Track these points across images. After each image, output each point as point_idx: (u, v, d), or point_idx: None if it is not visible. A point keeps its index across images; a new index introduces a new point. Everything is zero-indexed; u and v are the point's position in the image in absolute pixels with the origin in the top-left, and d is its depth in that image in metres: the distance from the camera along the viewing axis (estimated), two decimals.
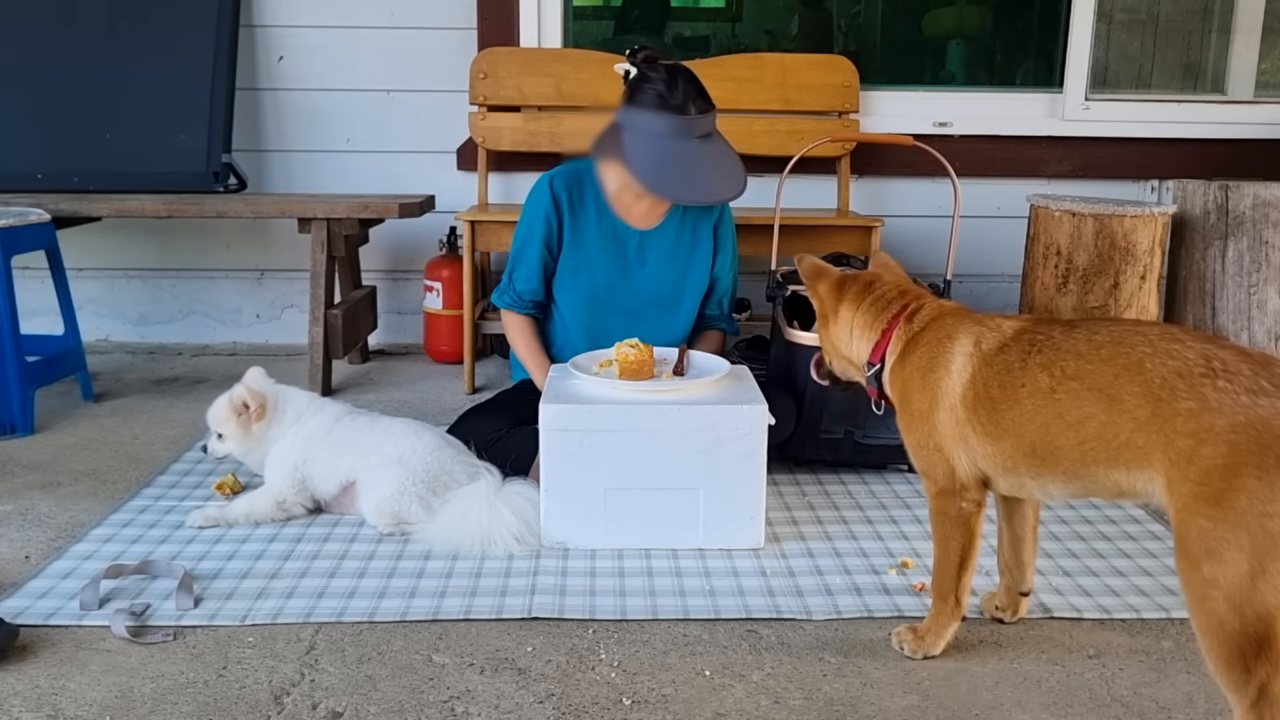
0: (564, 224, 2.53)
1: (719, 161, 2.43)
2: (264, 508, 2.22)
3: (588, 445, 2.08)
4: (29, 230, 2.88)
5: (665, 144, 2.35)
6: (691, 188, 2.40)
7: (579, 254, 2.54)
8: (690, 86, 2.38)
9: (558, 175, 2.55)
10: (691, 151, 2.37)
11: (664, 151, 2.36)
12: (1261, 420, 1.28)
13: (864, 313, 1.78)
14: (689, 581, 1.98)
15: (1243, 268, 3.15)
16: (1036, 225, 3.25)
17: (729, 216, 2.68)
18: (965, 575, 1.69)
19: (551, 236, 2.54)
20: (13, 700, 1.57)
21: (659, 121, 2.35)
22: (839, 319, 1.82)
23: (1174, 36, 4.06)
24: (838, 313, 1.82)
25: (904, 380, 1.70)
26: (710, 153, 2.41)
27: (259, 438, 2.26)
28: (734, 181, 2.43)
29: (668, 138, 2.35)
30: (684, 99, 2.36)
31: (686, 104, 2.36)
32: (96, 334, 3.83)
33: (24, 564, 2.04)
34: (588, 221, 2.54)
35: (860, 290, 1.81)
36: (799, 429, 2.52)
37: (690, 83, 2.39)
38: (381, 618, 1.82)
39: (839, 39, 4.20)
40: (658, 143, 2.36)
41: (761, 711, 1.57)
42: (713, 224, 2.63)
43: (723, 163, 2.43)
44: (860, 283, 1.82)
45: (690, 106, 2.36)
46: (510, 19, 3.62)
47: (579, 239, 2.54)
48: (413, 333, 3.87)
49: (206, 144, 3.48)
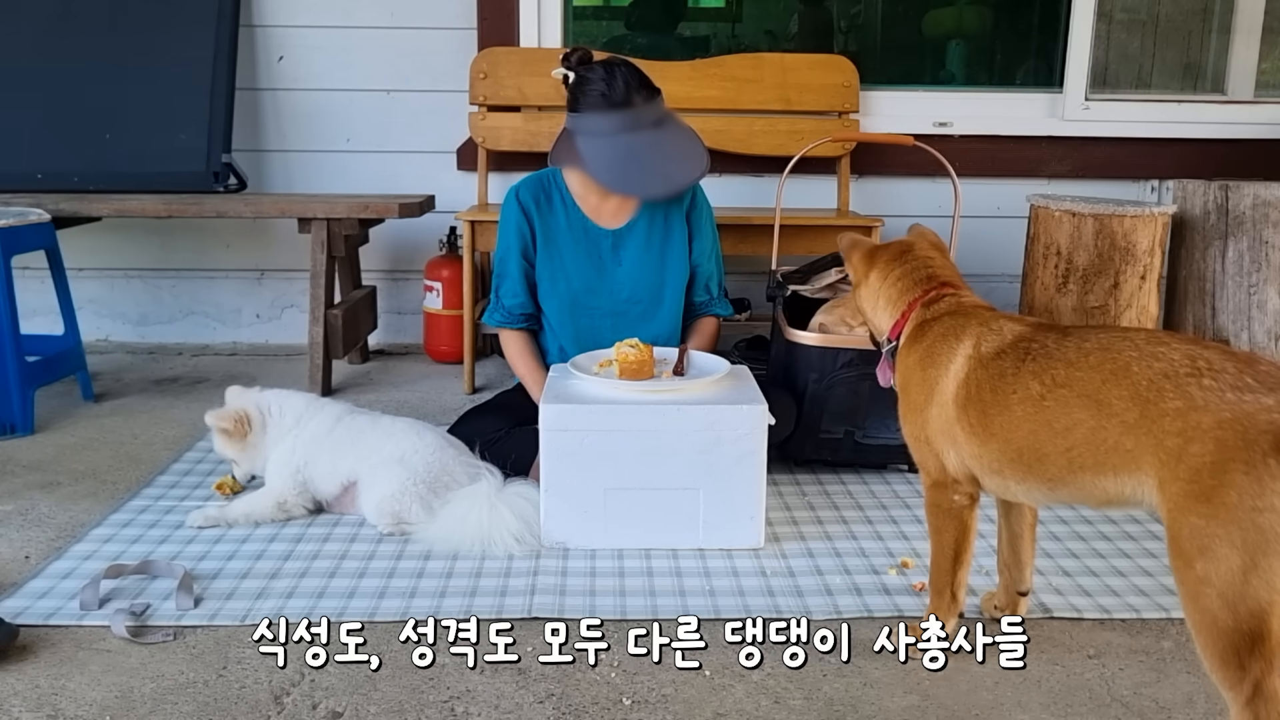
0: (535, 232, 2.52)
1: (677, 146, 2.41)
2: (264, 509, 2.22)
3: (588, 445, 2.08)
4: (29, 230, 2.88)
5: (617, 141, 2.34)
6: (654, 180, 2.39)
7: (554, 260, 2.53)
8: (630, 77, 2.36)
9: (523, 185, 2.55)
10: (646, 142, 2.36)
11: (618, 148, 2.35)
12: (1248, 415, 1.28)
13: (890, 285, 1.79)
14: (689, 581, 1.98)
15: (1243, 268, 3.15)
16: (1036, 225, 3.25)
17: (702, 200, 2.64)
18: (961, 570, 1.69)
19: (527, 247, 2.53)
20: (13, 700, 1.57)
21: (606, 120, 2.34)
22: (869, 284, 1.83)
23: (1174, 36, 4.06)
24: (868, 278, 1.83)
25: (907, 368, 1.73)
26: (666, 140, 2.39)
27: (257, 446, 2.26)
28: (695, 163, 2.42)
29: (619, 134, 2.34)
30: (626, 91, 2.34)
31: (630, 96, 2.34)
32: (96, 334, 3.83)
33: (24, 564, 2.04)
34: (558, 226, 2.53)
35: (891, 260, 1.81)
36: (799, 429, 2.52)
37: (630, 73, 2.37)
38: (382, 617, 1.82)
39: (839, 39, 4.20)
40: (610, 141, 2.34)
41: (761, 711, 1.57)
42: (684, 211, 2.59)
43: (681, 146, 2.42)
44: (891, 251, 1.82)
45: (634, 97, 2.34)
46: (510, 19, 3.62)
47: (551, 245, 2.52)
48: (413, 333, 3.87)
49: (206, 144, 3.48)
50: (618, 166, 2.35)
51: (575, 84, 2.39)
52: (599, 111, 2.34)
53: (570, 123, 2.42)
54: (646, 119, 2.35)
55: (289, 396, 2.33)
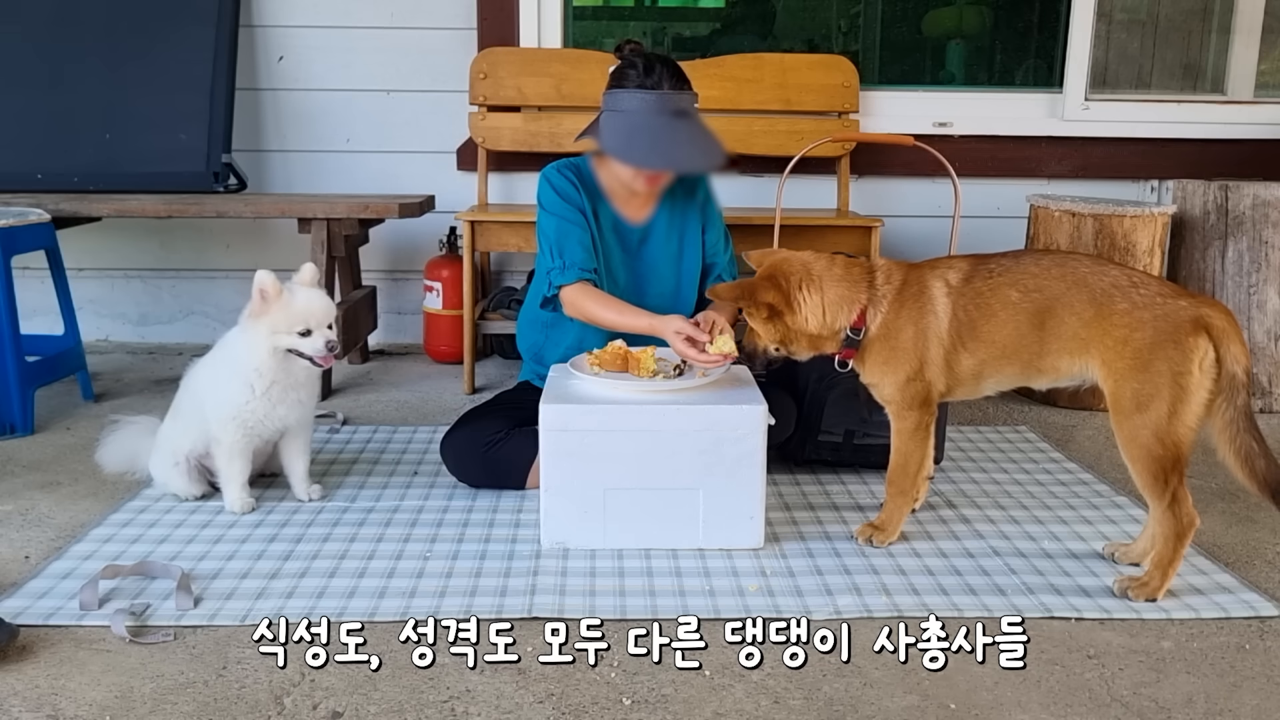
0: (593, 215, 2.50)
1: (693, 137, 2.41)
2: None
3: (588, 445, 2.08)
4: (29, 230, 2.89)
5: (637, 119, 2.36)
6: (656, 155, 2.39)
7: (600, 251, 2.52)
8: (667, 69, 2.38)
9: (565, 167, 2.52)
10: (664, 125, 2.37)
11: (635, 125, 2.36)
12: (1173, 311, 1.87)
13: (830, 292, 2.08)
14: (689, 581, 1.98)
15: (1242, 268, 3.16)
16: (1036, 225, 3.25)
17: (713, 193, 2.64)
18: (921, 473, 2.21)
19: (590, 221, 2.48)
20: (12, 700, 1.57)
21: (633, 99, 2.36)
22: (804, 306, 2.07)
23: (1174, 37, 4.06)
24: (796, 303, 2.07)
25: (898, 329, 2.06)
26: (684, 128, 2.40)
27: None
28: (708, 156, 2.42)
29: (641, 113, 2.36)
30: (659, 78, 2.36)
31: (660, 82, 2.36)
32: (96, 334, 3.83)
33: (24, 564, 2.04)
34: (605, 217, 2.52)
35: (805, 279, 2.08)
36: (798, 430, 2.52)
37: (667, 66, 2.39)
38: (382, 617, 1.82)
39: (839, 39, 4.20)
40: (630, 118, 2.36)
41: (761, 711, 1.57)
42: (699, 206, 2.60)
43: (698, 140, 2.42)
44: (796, 273, 2.08)
45: (664, 84, 2.36)
46: (510, 19, 3.62)
47: (601, 235, 2.52)
48: (413, 333, 3.87)
49: (206, 144, 3.48)
50: (627, 138, 2.37)
51: (616, 69, 2.42)
52: (628, 90, 2.37)
53: (603, 104, 2.43)
54: (671, 105, 2.37)
55: None
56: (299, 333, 2.20)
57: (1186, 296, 1.91)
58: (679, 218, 2.58)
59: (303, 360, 2.22)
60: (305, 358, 2.21)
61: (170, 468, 2.32)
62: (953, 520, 2.31)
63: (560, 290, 2.43)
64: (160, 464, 2.34)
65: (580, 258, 2.43)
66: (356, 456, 2.67)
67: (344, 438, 2.82)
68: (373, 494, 2.41)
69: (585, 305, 2.41)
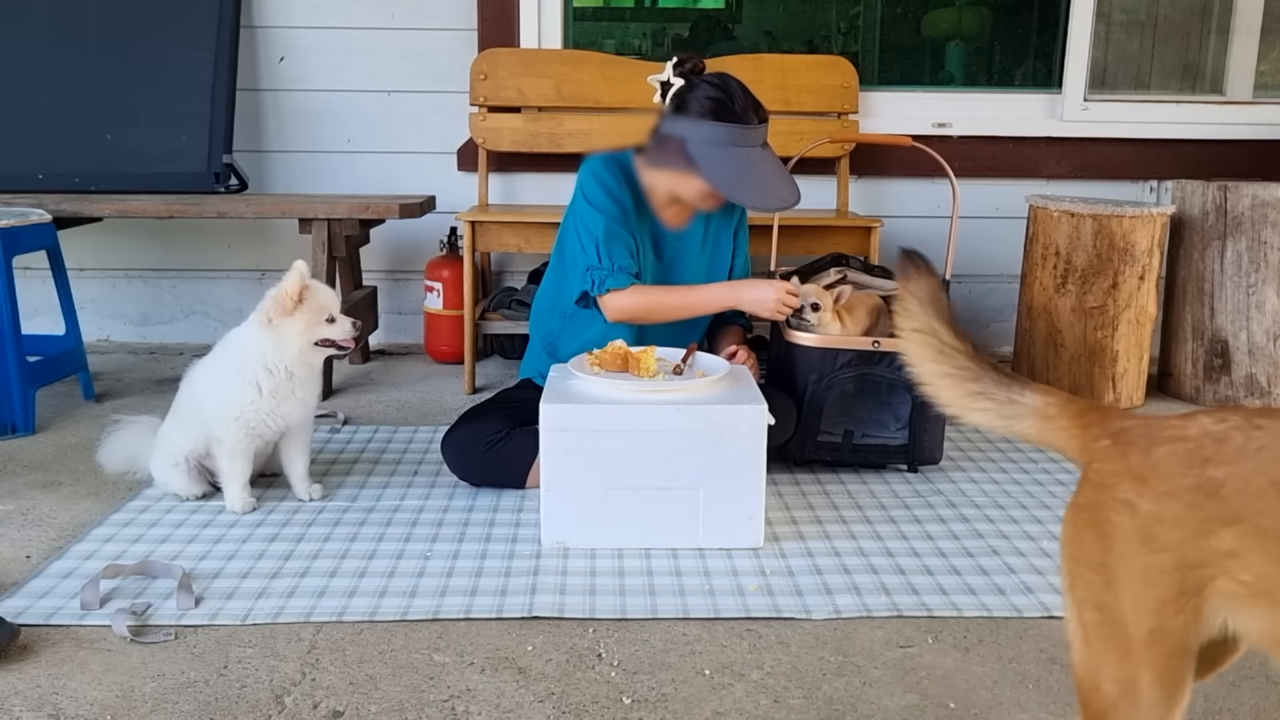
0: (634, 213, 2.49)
1: (777, 168, 2.44)
2: None
3: (588, 445, 2.08)
4: (30, 230, 2.89)
5: (735, 153, 2.36)
6: (767, 194, 2.39)
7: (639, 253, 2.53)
8: (747, 96, 2.40)
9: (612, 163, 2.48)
10: (756, 159, 2.39)
11: (737, 159, 2.36)
12: None
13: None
14: (689, 581, 1.99)
15: (1241, 268, 3.16)
16: (1035, 225, 3.26)
17: (745, 219, 2.70)
18: None
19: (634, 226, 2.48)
20: (13, 700, 1.58)
21: (724, 131, 2.35)
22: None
23: (1173, 37, 4.06)
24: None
25: None
26: (769, 159, 2.43)
27: None
28: (794, 186, 2.44)
29: (735, 146, 2.36)
30: (745, 107, 2.38)
31: (748, 112, 2.38)
32: (97, 334, 3.83)
33: (25, 564, 2.05)
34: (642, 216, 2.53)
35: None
36: (798, 430, 2.52)
37: (745, 92, 2.41)
38: (382, 617, 1.83)
39: (838, 39, 4.20)
40: (727, 152, 2.36)
41: (761, 710, 1.58)
42: (732, 226, 2.65)
43: (781, 170, 2.45)
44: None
45: (752, 115, 2.38)
46: (510, 20, 3.62)
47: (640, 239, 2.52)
48: (413, 333, 3.88)
49: (207, 144, 3.48)
50: (738, 177, 2.37)
51: (689, 90, 2.40)
52: (718, 121, 2.35)
53: (677, 128, 2.40)
54: (758, 138, 2.40)
55: None
56: (325, 320, 2.26)
57: None
58: (712, 235, 2.62)
59: (326, 350, 2.29)
60: (333, 344, 2.28)
61: (170, 468, 2.32)
62: (953, 520, 2.32)
63: (609, 293, 2.43)
64: (160, 464, 2.35)
65: (627, 262, 2.44)
66: (357, 456, 2.68)
67: (344, 438, 2.83)
68: (373, 494, 2.42)
69: (645, 301, 2.44)
